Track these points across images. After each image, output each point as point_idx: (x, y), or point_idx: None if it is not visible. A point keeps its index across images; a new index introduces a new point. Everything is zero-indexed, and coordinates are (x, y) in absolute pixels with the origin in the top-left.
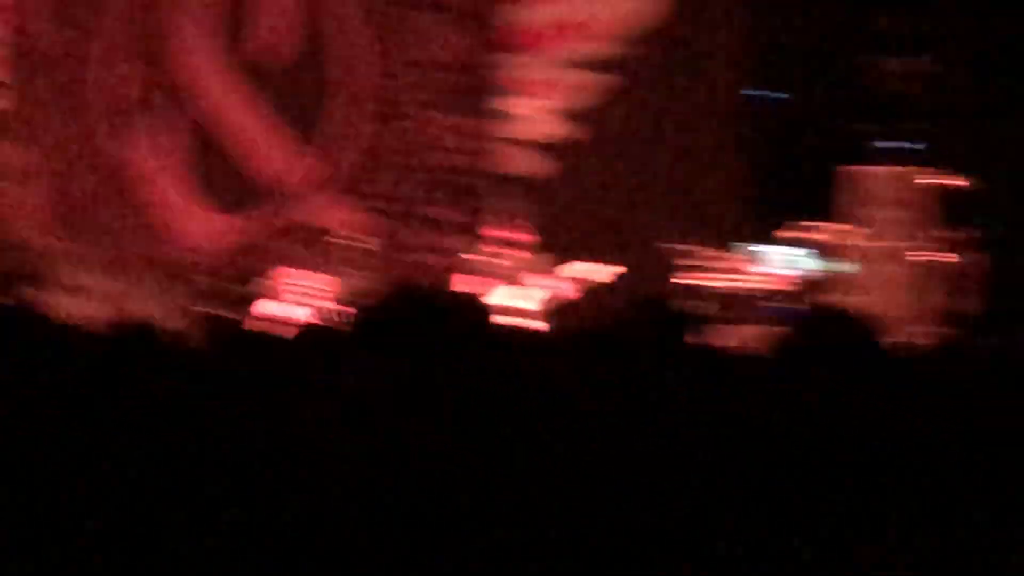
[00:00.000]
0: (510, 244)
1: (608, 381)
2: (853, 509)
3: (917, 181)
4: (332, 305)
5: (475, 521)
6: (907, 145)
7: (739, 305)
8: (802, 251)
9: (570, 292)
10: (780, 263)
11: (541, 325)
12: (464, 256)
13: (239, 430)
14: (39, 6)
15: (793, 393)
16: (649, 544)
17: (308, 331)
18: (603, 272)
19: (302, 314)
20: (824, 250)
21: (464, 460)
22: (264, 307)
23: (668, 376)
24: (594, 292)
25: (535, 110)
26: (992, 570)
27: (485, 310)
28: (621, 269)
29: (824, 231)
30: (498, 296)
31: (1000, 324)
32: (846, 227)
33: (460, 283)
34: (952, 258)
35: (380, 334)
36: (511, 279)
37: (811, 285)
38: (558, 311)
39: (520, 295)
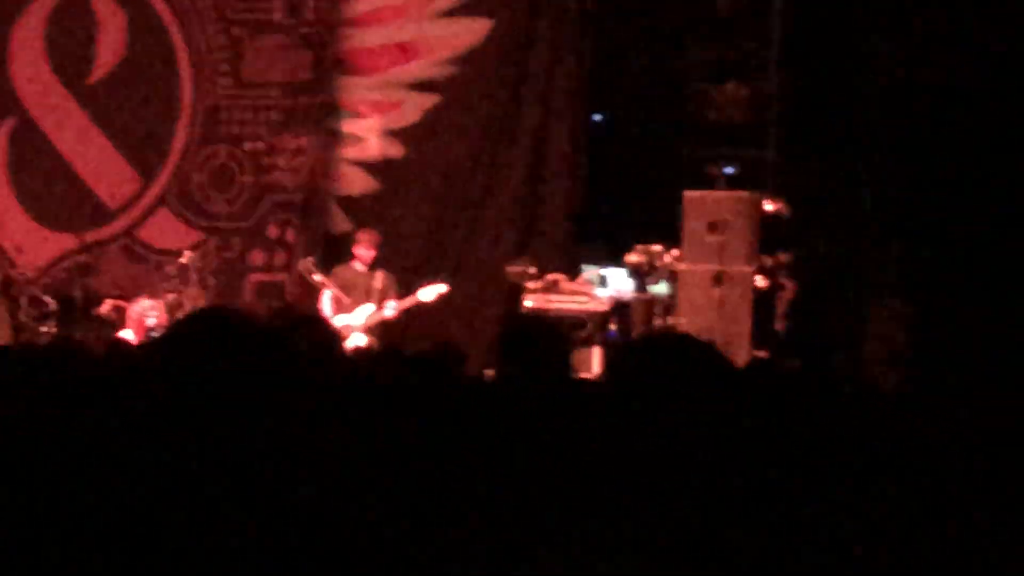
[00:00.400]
0: (347, 263)
1: (443, 403)
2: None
3: (740, 205)
4: (167, 324)
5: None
6: (732, 169)
7: (573, 327)
8: (631, 273)
9: (406, 312)
10: (611, 285)
11: (375, 345)
12: (301, 275)
13: (67, 453)
14: None
15: (626, 416)
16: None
17: (142, 350)
18: (441, 293)
19: (138, 333)
20: (651, 272)
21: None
22: (100, 327)
23: (506, 397)
24: (430, 313)
25: (372, 131)
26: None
27: (320, 329)
28: (460, 290)
29: (652, 253)
30: (334, 315)
31: (811, 347)
32: (673, 250)
33: (295, 302)
34: (770, 281)
35: (211, 352)
36: (348, 298)
37: (638, 307)
38: (393, 331)
39: (357, 314)
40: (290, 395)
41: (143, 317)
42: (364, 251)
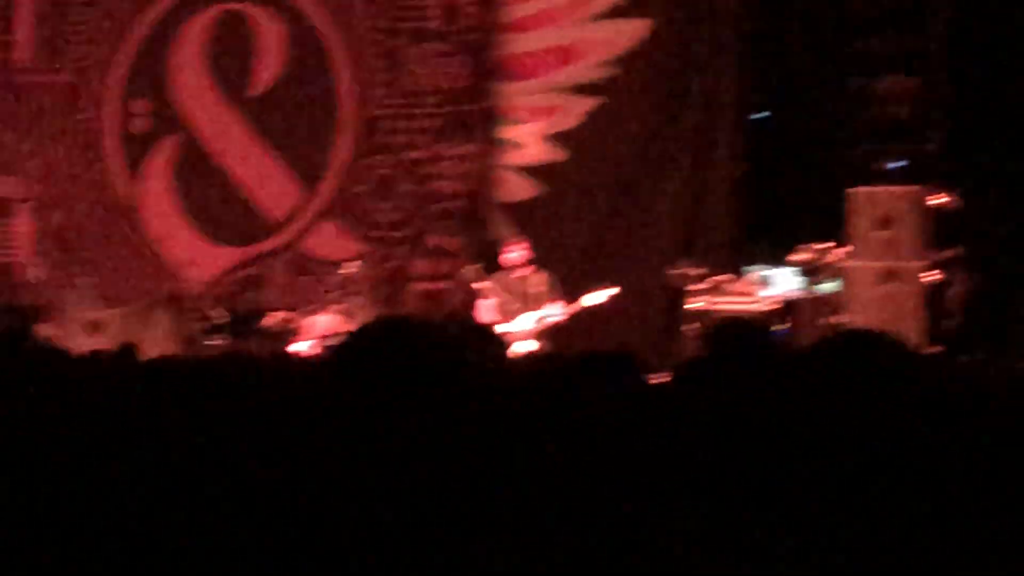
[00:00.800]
0: (511, 270)
1: (611, 407)
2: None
3: (908, 200)
4: (334, 336)
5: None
6: (898, 164)
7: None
8: (797, 272)
9: (573, 318)
10: (779, 285)
11: (543, 351)
12: (464, 283)
13: (240, 463)
14: (33, 38)
15: (802, 412)
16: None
17: (310, 363)
18: (612, 295)
19: (306, 346)
20: (820, 271)
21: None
22: (267, 339)
23: (676, 399)
24: (595, 317)
25: (533, 136)
26: None
27: (487, 337)
28: (624, 293)
29: (819, 252)
30: (499, 323)
31: (985, 342)
32: (842, 247)
33: (460, 311)
34: (941, 276)
35: (376, 364)
36: (512, 305)
37: (805, 307)
38: (559, 337)
39: (522, 321)
40: (467, 402)
41: (322, 331)
42: (515, 257)
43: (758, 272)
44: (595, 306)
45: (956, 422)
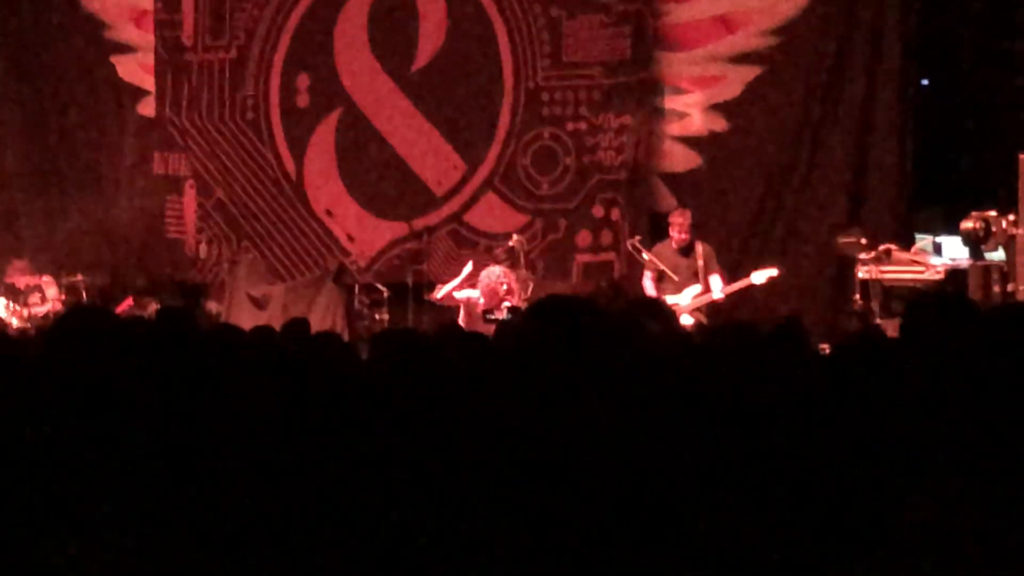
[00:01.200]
0: (673, 241)
1: (783, 378)
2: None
3: None
4: (499, 306)
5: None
6: None
7: (907, 297)
8: (966, 240)
9: (736, 289)
10: (947, 253)
11: (703, 322)
12: (627, 254)
13: (414, 435)
14: (199, 17)
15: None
16: None
17: (475, 334)
18: (772, 276)
19: (489, 300)
20: (990, 238)
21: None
22: (431, 311)
23: (849, 369)
24: (762, 288)
25: (694, 106)
26: None
27: (659, 313)
28: (789, 263)
29: (988, 219)
30: (662, 294)
31: None
32: (1010, 215)
33: (623, 282)
34: None
35: (544, 334)
36: (675, 277)
37: (974, 275)
38: (720, 308)
39: (684, 295)
40: (643, 377)
41: (495, 284)
42: (677, 233)
43: (926, 240)
44: (758, 286)
45: None
